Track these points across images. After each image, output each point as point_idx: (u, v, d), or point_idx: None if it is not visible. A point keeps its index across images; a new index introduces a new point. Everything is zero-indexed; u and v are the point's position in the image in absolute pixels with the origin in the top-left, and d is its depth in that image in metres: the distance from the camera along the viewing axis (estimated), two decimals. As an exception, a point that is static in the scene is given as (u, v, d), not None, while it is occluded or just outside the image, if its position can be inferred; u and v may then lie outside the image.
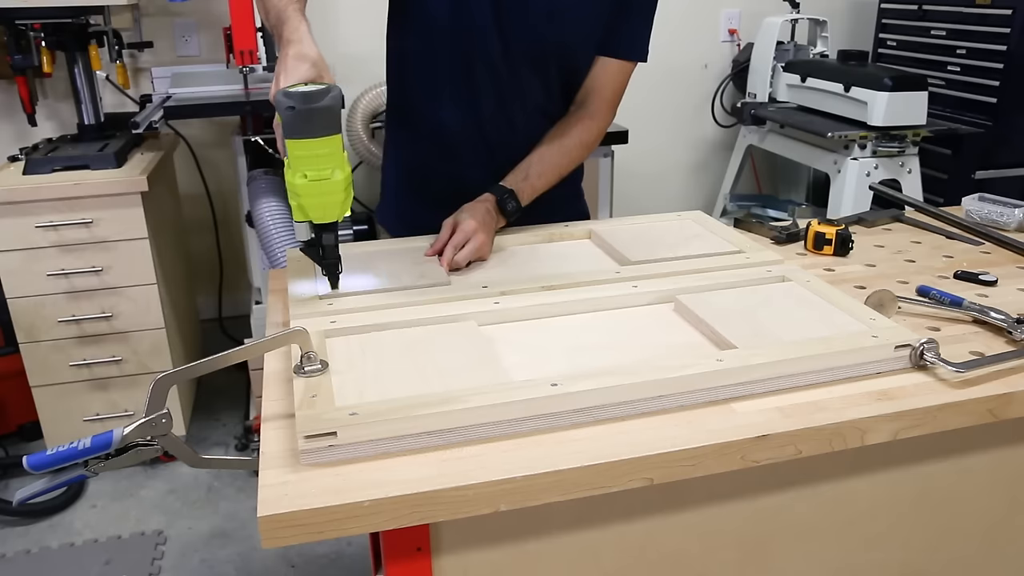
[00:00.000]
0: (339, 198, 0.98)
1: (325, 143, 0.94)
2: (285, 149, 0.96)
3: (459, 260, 1.15)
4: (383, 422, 0.77)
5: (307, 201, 0.97)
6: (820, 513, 0.93)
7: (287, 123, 0.93)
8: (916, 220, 1.49)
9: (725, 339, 0.94)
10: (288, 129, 0.94)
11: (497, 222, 1.24)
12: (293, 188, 0.96)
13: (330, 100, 0.93)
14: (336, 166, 0.96)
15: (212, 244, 3.07)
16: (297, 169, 0.95)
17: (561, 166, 1.31)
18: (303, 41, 1.01)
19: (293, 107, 0.92)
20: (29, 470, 0.75)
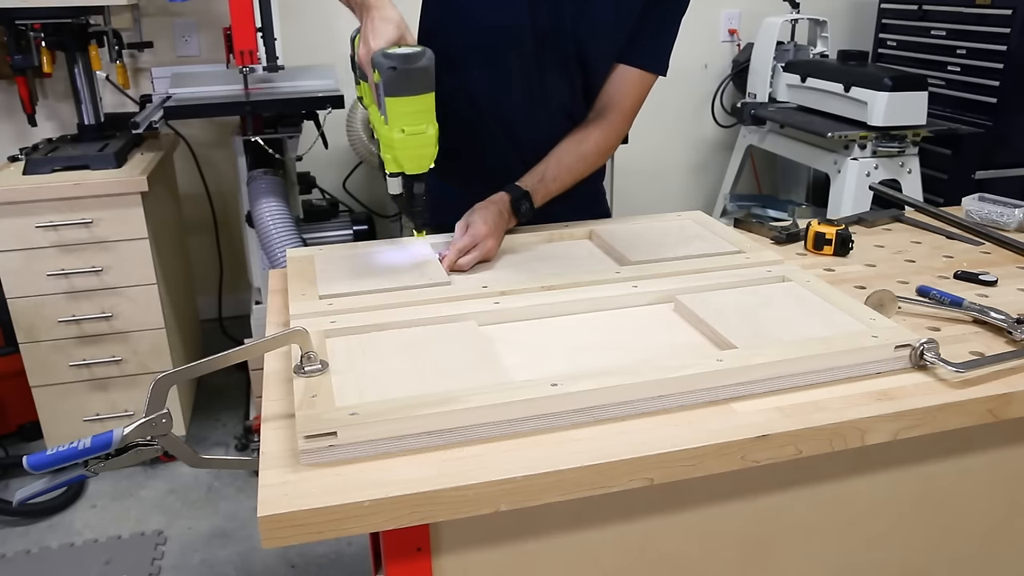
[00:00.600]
0: (432, 151, 1.05)
1: (422, 100, 1.01)
2: (383, 106, 1.02)
3: (462, 264, 1.16)
4: (383, 422, 0.77)
5: (403, 154, 1.04)
6: (820, 513, 0.93)
7: (389, 82, 0.99)
8: (916, 220, 1.49)
9: (725, 339, 0.94)
10: (389, 87, 0.99)
11: (508, 222, 1.25)
12: (390, 142, 1.02)
13: (427, 61, 1.00)
14: (429, 122, 1.03)
15: (212, 244, 3.07)
16: (395, 125, 1.01)
17: (576, 171, 1.32)
18: (385, 6, 1.05)
19: (395, 67, 0.98)
20: (29, 470, 0.75)
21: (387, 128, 1.03)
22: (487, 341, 0.95)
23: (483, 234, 1.18)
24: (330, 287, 1.08)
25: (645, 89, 1.35)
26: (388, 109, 1.01)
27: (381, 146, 1.07)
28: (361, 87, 1.16)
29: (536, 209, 1.28)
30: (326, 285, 1.09)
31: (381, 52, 0.99)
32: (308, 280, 1.11)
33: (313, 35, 3.02)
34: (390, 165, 1.07)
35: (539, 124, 1.34)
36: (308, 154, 2.58)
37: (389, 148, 1.04)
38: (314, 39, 3.02)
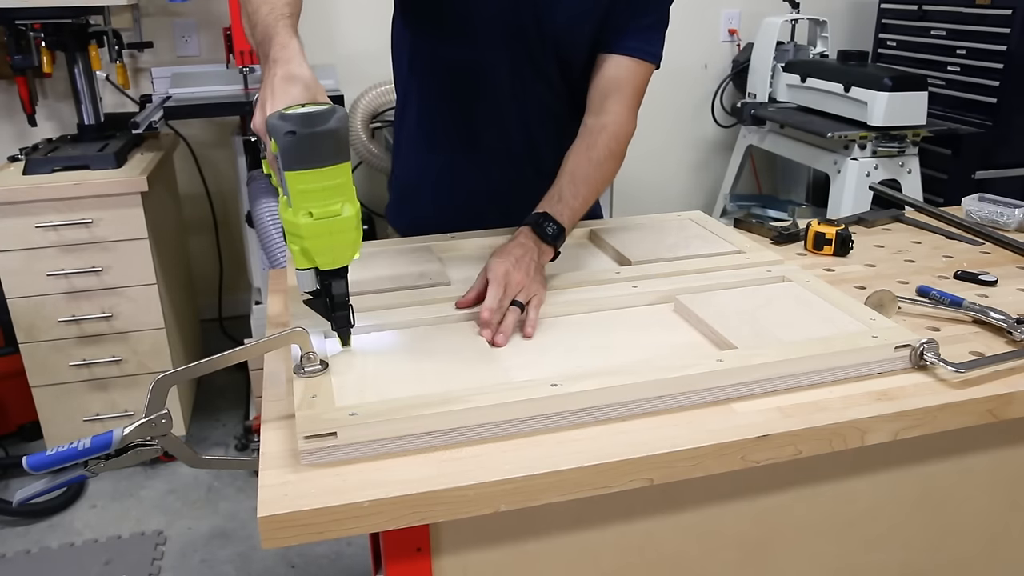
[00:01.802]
0: (351, 237, 0.83)
1: (333, 172, 0.80)
2: (284, 182, 0.80)
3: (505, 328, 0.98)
4: (383, 422, 0.77)
5: (313, 244, 0.82)
6: (820, 514, 0.93)
7: (287, 151, 0.78)
8: (916, 220, 1.49)
9: (725, 339, 0.94)
10: (288, 158, 0.78)
11: (542, 254, 1.09)
12: (295, 229, 0.81)
13: (336, 122, 0.79)
14: (346, 199, 0.82)
15: (212, 244, 3.07)
16: (300, 206, 0.80)
17: (594, 179, 1.20)
18: (292, 60, 0.87)
19: (293, 132, 0.77)
20: (29, 470, 0.75)
21: (290, 212, 0.81)
22: (487, 341, 0.95)
23: (501, 272, 1.01)
24: (330, 287, 1.08)
25: (641, 79, 1.25)
26: (290, 186, 0.79)
27: (286, 235, 0.83)
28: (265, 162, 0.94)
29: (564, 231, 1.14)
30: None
31: (278, 114, 0.79)
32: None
33: (313, 35, 3.01)
34: (299, 259, 0.83)
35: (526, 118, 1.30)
36: (308, 154, 2.57)
37: (294, 236, 0.82)
38: (314, 39, 3.02)
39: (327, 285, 0.86)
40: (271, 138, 0.79)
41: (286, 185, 0.80)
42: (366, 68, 2.99)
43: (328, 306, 0.88)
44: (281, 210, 0.84)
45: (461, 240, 1.28)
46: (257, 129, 0.85)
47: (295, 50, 0.89)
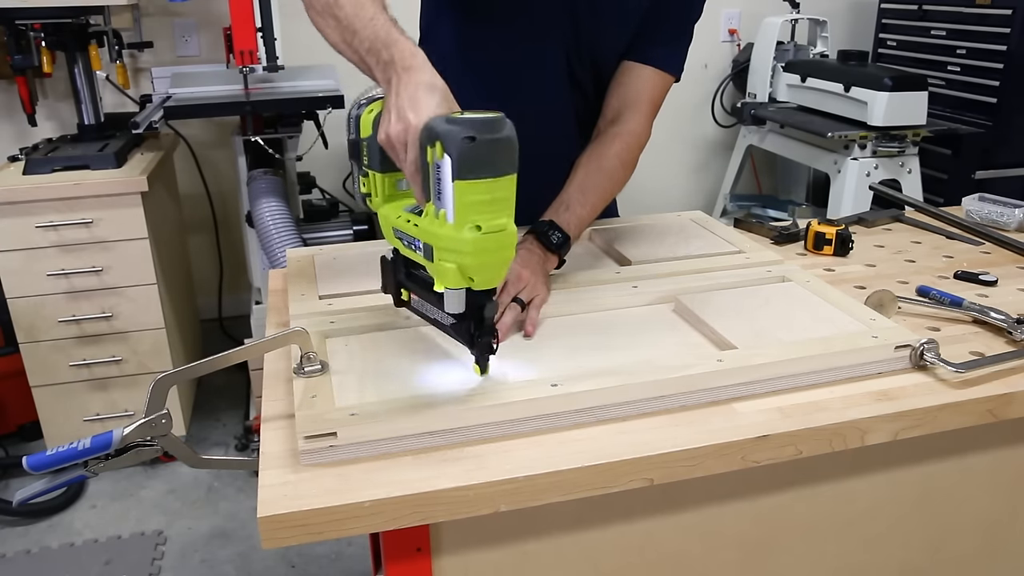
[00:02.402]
0: (510, 255, 0.77)
1: (504, 184, 0.74)
2: (443, 194, 0.74)
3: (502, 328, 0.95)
4: (383, 422, 0.77)
5: (475, 260, 0.75)
6: (820, 513, 0.93)
7: (463, 158, 0.72)
8: (916, 220, 1.49)
9: (725, 339, 0.94)
10: (463, 166, 0.72)
11: (546, 261, 1.08)
12: (456, 244, 0.74)
13: (510, 130, 0.74)
14: (509, 214, 0.76)
15: (212, 244, 3.07)
16: (466, 219, 0.73)
17: (603, 188, 1.19)
18: (425, 69, 0.82)
19: (473, 137, 0.71)
20: (29, 470, 0.76)
21: (450, 226, 0.74)
22: (487, 341, 0.95)
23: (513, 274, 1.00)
24: (330, 287, 1.08)
25: (661, 90, 1.26)
26: (457, 197, 0.73)
27: (436, 252, 0.76)
28: (372, 180, 0.88)
29: None
30: (326, 285, 1.09)
31: (445, 118, 0.74)
32: (308, 280, 1.11)
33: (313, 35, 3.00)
34: (448, 278, 0.76)
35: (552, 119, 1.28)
36: (308, 154, 2.57)
37: (452, 253, 0.75)
38: (314, 39, 3.00)
39: (479, 306, 0.80)
40: (434, 144, 0.74)
41: (449, 196, 0.74)
42: (366, 68, 2.99)
43: (473, 331, 0.81)
44: (425, 227, 0.77)
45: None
46: (394, 137, 0.80)
47: (424, 58, 0.84)
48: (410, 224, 0.81)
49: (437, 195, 0.75)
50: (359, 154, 0.88)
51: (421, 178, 0.78)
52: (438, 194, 0.75)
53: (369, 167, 0.87)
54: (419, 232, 0.79)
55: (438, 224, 0.75)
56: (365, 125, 0.87)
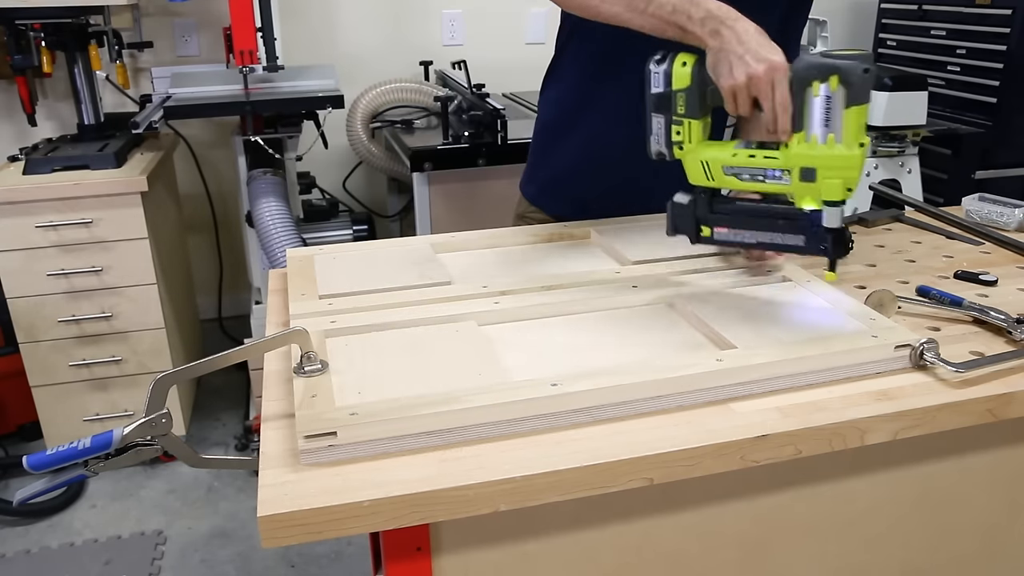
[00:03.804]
0: None
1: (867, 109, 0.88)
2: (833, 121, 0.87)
3: None
4: (383, 422, 0.77)
5: (858, 172, 0.89)
6: (820, 513, 0.93)
7: (859, 87, 0.85)
8: (916, 220, 1.49)
9: (725, 339, 0.94)
10: (857, 94, 0.86)
11: None
12: (849, 162, 0.88)
13: None
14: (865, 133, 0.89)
15: (212, 244, 3.07)
16: (856, 139, 0.87)
17: None
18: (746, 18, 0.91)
19: (868, 69, 0.85)
20: (29, 470, 0.75)
21: (839, 148, 0.87)
22: (487, 341, 0.95)
23: None
24: (330, 287, 1.08)
25: None
26: (848, 122, 0.87)
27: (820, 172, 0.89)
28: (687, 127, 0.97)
29: None
30: (326, 285, 1.09)
31: (829, 53, 0.86)
32: (308, 280, 1.11)
33: (313, 35, 3.02)
34: (835, 191, 0.90)
35: None
36: (308, 154, 2.58)
37: (839, 170, 0.88)
38: (314, 39, 3.02)
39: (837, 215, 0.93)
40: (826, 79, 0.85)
41: (839, 122, 0.87)
42: (366, 68, 3.00)
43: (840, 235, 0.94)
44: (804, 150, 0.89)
45: (461, 239, 1.28)
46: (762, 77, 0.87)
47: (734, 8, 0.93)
48: (758, 158, 0.94)
49: (824, 122, 0.88)
50: (671, 105, 0.97)
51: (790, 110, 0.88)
52: (826, 121, 0.87)
53: (687, 115, 0.97)
54: (786, 160, 0.91)
55: (824, 148, 0.88)
56: (681, 76, 0.96)
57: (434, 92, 2.70)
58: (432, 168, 2.29)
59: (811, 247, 0.96)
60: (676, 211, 1.05)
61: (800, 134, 0.89)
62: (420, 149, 2.30)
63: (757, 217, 0.99)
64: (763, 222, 0.99)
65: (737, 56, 0.89)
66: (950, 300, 1.09)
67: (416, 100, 2.75)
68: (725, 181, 0.98)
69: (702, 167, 0.98)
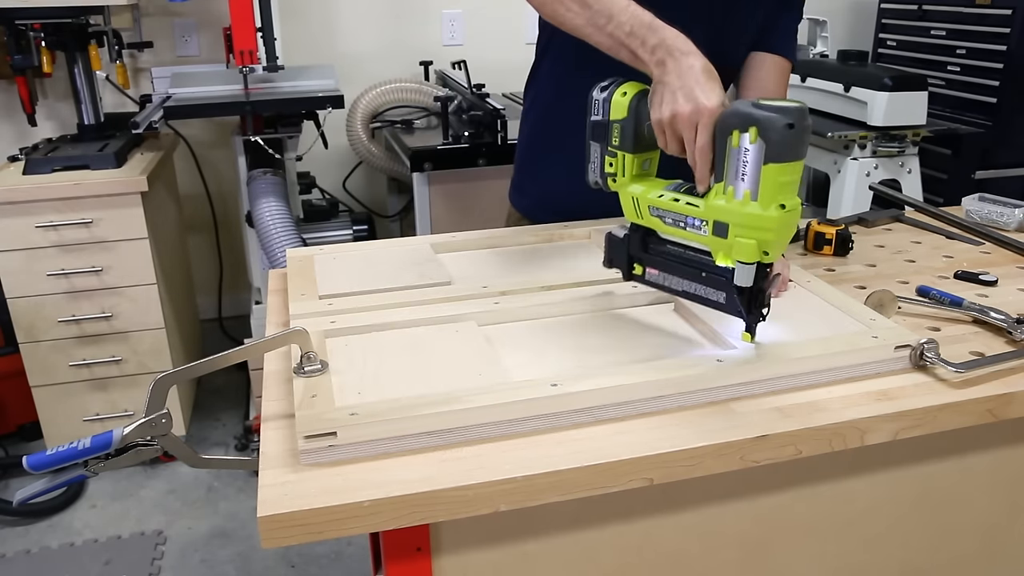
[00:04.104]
0: (793, 232, 0.85)
1: (800, 166, 0.81)
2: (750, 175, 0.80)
3: None
4: (383, 422, 0.77)
5: (776, 236, 0.81)
6: (820, 513, 0.93)
7: (781, 143, 0.78)
8: (916, 220, 1.49)
9: (725, 339, 0.94)
10: (778, 150, 0.78)
11: None
12: (762, 222, 0.80)
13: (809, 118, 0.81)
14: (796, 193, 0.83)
15: (212, 244, 3.07)
16: (773, 199, 0.80)
17: None
18: (699, 53, 0.87)
19: (792, 124, 0.77)
20: (29, 470, 0.76)
21: (754, 205, 0.81)
22: (487, 341, 0.95)
23: None
24: (330, 287, 1.08)
25: (786, 78, 1.31)
26: (766, 179, 0.79)
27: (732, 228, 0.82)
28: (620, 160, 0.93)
29: None
30: (326, 285, 1.09)
31: (753, 103, 0.79)
32: (308, 280, 1.11)
33: (313, 35, 3.02)
34: (746, 252, 0.82)
35: None
36: (308, 154, 2.58)
37: (754, 229, 0.81)
38: (314, 39, 3.02)
39: (764, 275, 0.86)
40: (746, 129, 0.79)
41: (755, 178, 0.80)
42: (366, 68, 3.00)
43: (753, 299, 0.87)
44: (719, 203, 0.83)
45: (461, 239, 1.28)
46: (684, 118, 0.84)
47: (692, 43, 0.89)
48: (680, 203, 0.88)
49: (740, 176, 0.81)
50: (607, 135, 0.93)
51: (710, 159, 0.84)
52: (741, 175, 0.81)
53: (620, 148, 0.92)
54: (702, 211, 0.85)
55: (739, 203, 0.82)
56: (619, 106, 0.91)
57: (434, 92, 2.70)
58: (432, 168, 2.29)
59: (731, 306, 0.89)
60: (611, 244, 0.99)
61: (720, 185, 0.84)
62: (420, 149, 2.30)
63: (684, 265, 0.93)
64: (689, 271, 0.92)
65: (671, 91, 0.86)
66: (950, 300, 1.09)
67: (416, 100, 2.75)
68: (652, 222, 0.92)
69: (632, 203, 0.93)
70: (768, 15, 1.27)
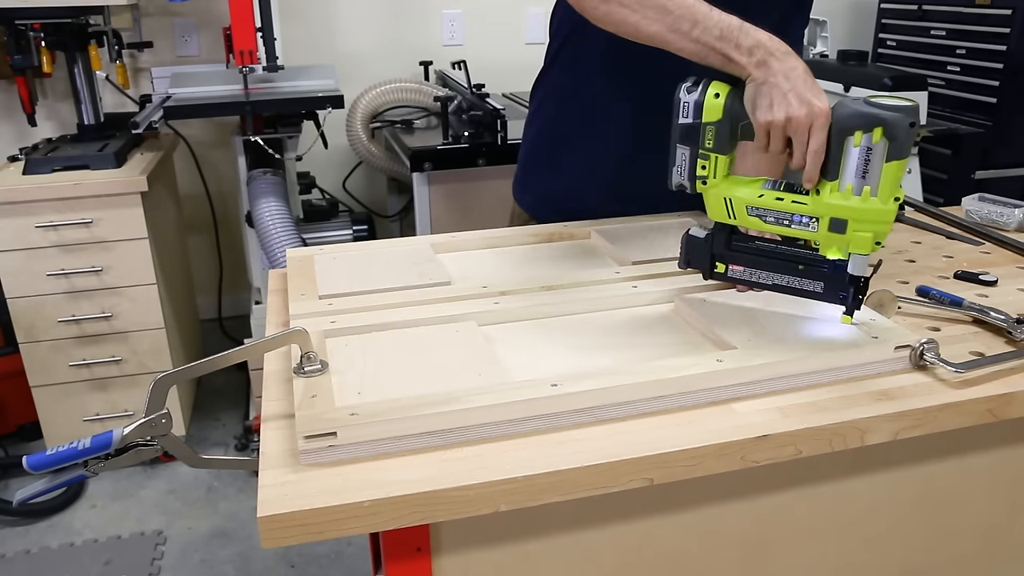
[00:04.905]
0: None
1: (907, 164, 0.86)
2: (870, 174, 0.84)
3: None
4: (383, 422, 0.77)
5: (887, 228, 0.87)
6: (820, 513, 0.93)
7: (903, 142, 0.82)
8: (916, 220, 1.49)
9: (725, 339, 0.94)
10: (900, 149, 0.83)
11: None
12: (882, 216, 0.85)
13: None
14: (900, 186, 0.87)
15: (212, 244, 3.07)
16: (891, 193, 0.85)
17: None
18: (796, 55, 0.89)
19: (914, 123, 0.82)
20: (29, 470, 0.75)
21: (873, 201, 0.85)
22: (487, 341, 0.95)
23: None
24: (330, 287, 1.08)
25: None
26: (887, 175, 0.84)
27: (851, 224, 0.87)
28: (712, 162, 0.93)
29: None
30: (326, 285, 1.09)
31: (874, 104, 0.83)
32: (308, 280, 1.11)
33: (313, 35, 3.02)
34: (863, 244, 0.87)
35: None
36: (308, 154, 2.58)
37: (871, 224, 0.86)
38: (314, 39, 3.02)
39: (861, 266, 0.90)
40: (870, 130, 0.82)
41: (878, 175, 0.84)
42: (366, 68, 3.00)
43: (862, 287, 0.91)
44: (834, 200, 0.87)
45: (461, 239, 1.28)
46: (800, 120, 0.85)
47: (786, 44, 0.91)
48: (785, 202, 0.91)
49: (862, 174, 0.85)
50: (698, 138, 0.93)
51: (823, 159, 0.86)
52: (863, 173, 0.85)
53: (714, 150, 0.93)
54: (815, 208, 0.89)
55: (859, 200, 0.86)
56: (712, 108, 0.91)
57: (434, 92, 2.70)
58: (432, 168, 2.29)
59: (830, 294, 0.93)
60: (691, 245, 1.01)
61: (834, 183, 0.87)
62: (420, 149, 2.30)
63: (776, 259, 0.96)
64: (782, 265, 0.96)
65: (781, 93, 0.87)
66: (950, 300, 1.09)
67: (416, 100, 2.75)
68: (748, 221, 0.94)
69: (725, 204, 0.95)
70: (783, 16, 1.25)
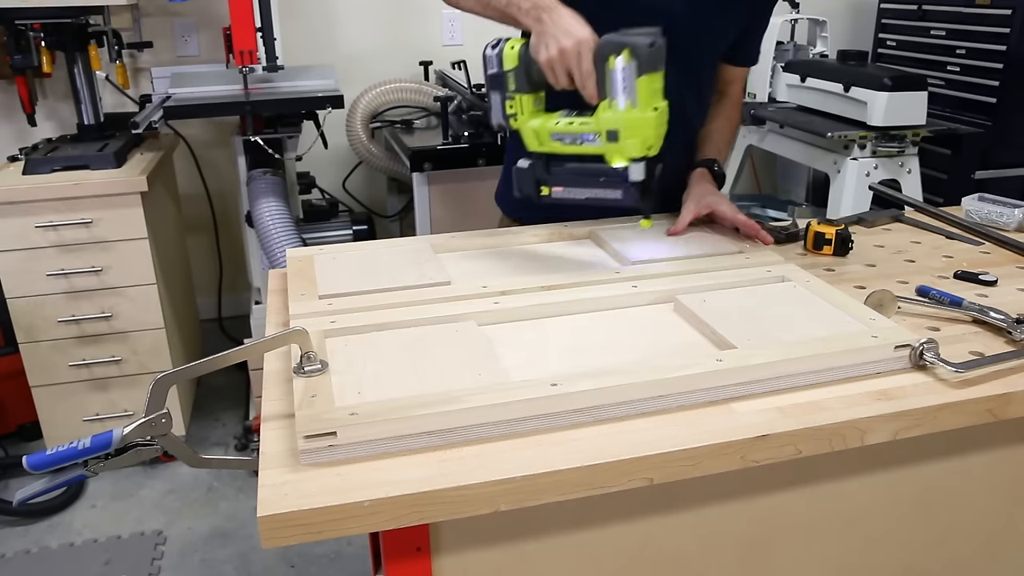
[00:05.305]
0: (664, 129, 1.06)
1: (660, 76, 1.04)
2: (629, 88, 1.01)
3: None
4: (383, 422, 0.77)
5: (654, 133, 1.04)
6: (820, 513, 0.93)
7: (646, 59, 1.00)
8: (916, 220, 1.49)
9: (725, 339, 0.94)
10: (646, 65, 1.00)
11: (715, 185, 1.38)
12: (640, 124, 1.02)
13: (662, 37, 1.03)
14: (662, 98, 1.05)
15: (212, 244, 3.07)
16: (647, 104, 1.02)
17: (728, 141, 1.52)
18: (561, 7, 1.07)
19: (653, 43, 1.00)
20: (29, 470, 0.75)
21: (634, 111, 1.02)
22: (487, 341, 0.95)
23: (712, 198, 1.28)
24: (330, 287, 1.08)
25: (747, 74, 1.56)
26: (641, 89, 1.01)
27: (622, 132, 1.04)
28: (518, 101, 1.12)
29: None
30: (326, 285, 1.09)
31: (620, 33, 1.01)
32: (308, 280, 1.11)
33: (313, 35, 3.02)
34: (635, 149, 1.05)
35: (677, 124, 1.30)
36: (308, 154, 2.58)
37: (636, 131, 1.03)
38: (314, 39, 3.02)
39: (652, 169, 1.07)
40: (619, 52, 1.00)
41: (634, 90, 1.01)
42: (366, 68, 3.00)
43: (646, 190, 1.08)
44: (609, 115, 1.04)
45: (461, 239, 1.28)
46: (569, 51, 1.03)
47: None
48: (575, 124, 1.08)
49: (623, 90, 1.02)
50: (503, 84, 1.11)
51: (595, 79, 1.03)
52: (624, 90, 1.02)
53: (517, 91, 1.11)
54: (596, 125, 1.05)
55: (623, 112, 1.03)
56: (510, 57, 1.10)
57: (434, 92, 2.70)
58: (432, 168, 2.29)
59: (627, 200, 1.09)
60: (519, 175, 1.15)
61: (606, 101, 1.03)
62: (420, 149, 2.30)
63: (583, 176, 1.11)
64: (588, 180, 1.11)
65: (551, 35, 1.05)
66: (950, 300, 1.09)
67: (416, 100, 2.75)
68: (553, 146, 1.10)
69: (534, 135, 1.11)
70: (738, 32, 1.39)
